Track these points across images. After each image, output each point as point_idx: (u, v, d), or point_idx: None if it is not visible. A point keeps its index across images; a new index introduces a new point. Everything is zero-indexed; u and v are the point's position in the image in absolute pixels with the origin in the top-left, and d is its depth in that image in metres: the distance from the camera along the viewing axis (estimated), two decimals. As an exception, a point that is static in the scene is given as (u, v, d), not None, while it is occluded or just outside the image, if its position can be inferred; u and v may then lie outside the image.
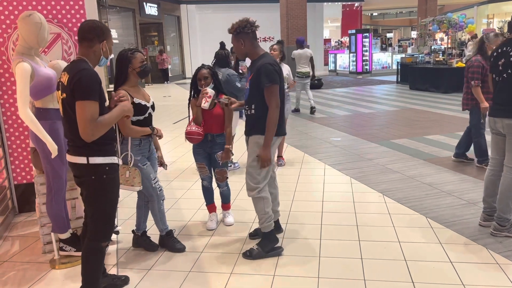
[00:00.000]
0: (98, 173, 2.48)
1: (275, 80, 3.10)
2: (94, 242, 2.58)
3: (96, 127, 2.37)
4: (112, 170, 2.54)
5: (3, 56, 4.03)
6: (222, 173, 3.82)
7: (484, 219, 3.68)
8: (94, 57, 2.54)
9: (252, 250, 3.31)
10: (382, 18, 40.53)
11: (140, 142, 3.23)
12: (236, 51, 3.29)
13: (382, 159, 5.91)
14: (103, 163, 2.49)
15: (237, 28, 3.15)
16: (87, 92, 2.34)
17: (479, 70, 4.93)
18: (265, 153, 3.15)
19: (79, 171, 2.52)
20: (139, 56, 3.18)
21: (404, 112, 9.81)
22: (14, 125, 4.16)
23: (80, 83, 2.34)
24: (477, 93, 4.98)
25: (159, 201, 3.40)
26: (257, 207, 3.31)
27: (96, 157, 2.46)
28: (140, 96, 3.21)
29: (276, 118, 3.14)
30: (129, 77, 3.18)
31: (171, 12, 21.65)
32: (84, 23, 2.53)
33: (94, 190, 2.51)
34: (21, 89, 2.91)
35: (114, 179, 2.57)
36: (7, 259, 3.42)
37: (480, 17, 26.15)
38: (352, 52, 19.63)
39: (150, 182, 3.29)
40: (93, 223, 2.57)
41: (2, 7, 3.96)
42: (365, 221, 3.90)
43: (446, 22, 15.26)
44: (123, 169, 3.07)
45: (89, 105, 2.34)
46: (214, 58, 5.41)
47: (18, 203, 4.36)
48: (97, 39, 2.51)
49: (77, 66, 2.42)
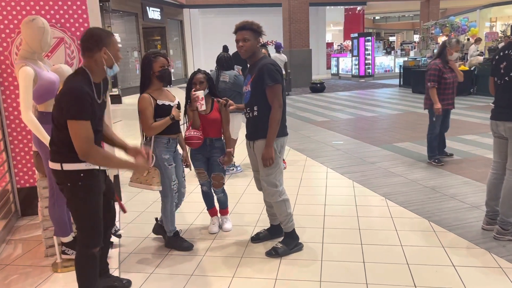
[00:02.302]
0: (73, 180, 2.43)
1: (277, 79, 3.13)
2: (83, 249, 2.55)
3: (93, 148, 2.34)
4: (88, 176, 2.46)
5: (6, 61, 4.05)
6: (219, 178, 3.76)
7: (487, 223, 3.66)
8: (96, 67, 2.43)
9: (277, 248, 3.37)
10: (384, 22, 40.56)
11: (168, 141, 3.35)
12: (249, 47, 3.18)
13: (384, 162, 5.90)
14: (77, 169, 2.42)
15: (259, 27, 3.20)
16: (78, 112, 2.29)
17: (435, 73, 5.39)
18: (267, 152, 3.17)
19: (57, 177, 2.49)
20: (160, 60, 3.28)
21: (406, 115, 9.79)
22: (17, 129, 4.18)
23: (69, 101, 2.29)
24: (433, 94, 5.43)
25: (172, 203, 3.45)
26: (280, 209, 3.35)
27: (70, 163, 2.41)
28: (163, 97, 3.33)
29: (279, 117, 3.16)
30: (152, 80, 3.28)
31: (174, 17, 21.73)
32: (84, 32, 2.46)
33: (72, 197, 2.48)
34: (24, 93, 2.93)
35: (91, 185, 2.49)
36: (10, 263, 3.43)
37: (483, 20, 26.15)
38: (354, 55, 19.64)
39: (170, 183, 3.38)
40: (79, 230, 2.55)
41: (6, 11, 3.99)
42: (368, 224, 3.89)
43: (448, 25, 15.28)
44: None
45: (80, 125, 2.30)
46: (217, 63, 5.40)
47: (20, 207, 4.37)
48: (96, 47, 2.40)
49: (70, 80, 2.39)
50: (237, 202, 4.60)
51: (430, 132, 5.71)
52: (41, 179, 3.40)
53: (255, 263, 3.27)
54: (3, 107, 4.12)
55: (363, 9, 27.30)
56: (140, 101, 3.28)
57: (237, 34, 3.21)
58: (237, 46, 3.23)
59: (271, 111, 3.14)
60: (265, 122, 3.19)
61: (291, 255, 3.37)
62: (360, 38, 19.30)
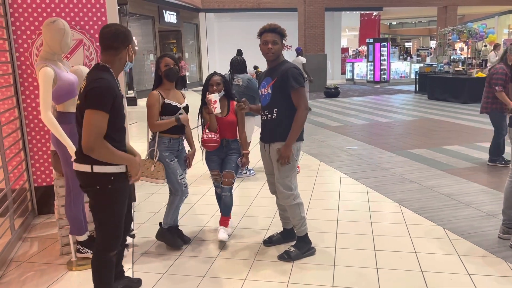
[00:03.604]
0: (102, 183, 2.37)
1: (301, 82, 3.19)
2: (101, 252, 2.51)
3: (100, 142, 2.27)
4: (118, 179, 2.41)
5: (27, 62, 4.14)
6: (229, 176, 3.70)
7: (503, 232, 3.60)
8: (119, 64, 2.46)
9: (289, 252, 3.37)
10: (401, 27, 40.25)
11: (169, 141, 3.45)
12: (277, 51, 3.23)
13: (399, 168, 5.85)
14: (108, 172, 2.37)
15: (285, 32, 3.27)
16: (98, 102, 2.26)
17: (503, 77, 5.35)
18: (285, 151, 3.19)
19: (83, 180, 2.43)
20: (164, 60, 3.44)
21: (422, 122, 9.70)
22: (35, 129, 4.25)
23: (93, 92, 2.26)
24: (503, 97, 5.37)
25: (181, 197, 3.53)
26: (294, 213, 3.35)
27: (101, 165, 2.35)
28: (171, 97, 3.46)
29: (305, 118, 3.22)
30: (162, 80, 3.46)
31: (190, 20, 21.92)
32: (106, 30, 2.41)
33: (99, 201, 2.42)
34: (44, 93, 2.99)
35: (120, 189, 2.45)
36: (26, 260, 3.49)
37: (501, 27, 25.79)
38: (370, 61, 19.54)
39: (176, 178, 3.46)
40: (99, 233, 2.49)
41: (27, 13, 4.08)
42: (381, 230, 3.86)
43: (466, 31, 15.10)
44: (149, 163, 3.36)
45: (97, 115, 2.25)
46: (230, 66, 5.44)
47: (37, 205, 4.45)
48: (122, 46, 2.42)
49: (96, 74, 2.35)
50: (250, 205, 4.60)
51: (499, 135, 5.68)
52: (58, 178, 3.45)
53: (267, 267, 3.27)
54: (23, 107, 4.20)
55: (379, 14, 27.16)
56: (149, 97, 3.43)
57: (264, 35, 3.21)
58: (263, 47, 3.22)
59: (297, 113, 3.18)
60: (283, 125, 3.21)
61: (303, 259, 3.35)
62: (375, 44, 19.21)
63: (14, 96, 4.12)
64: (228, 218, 3.77)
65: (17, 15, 4.07)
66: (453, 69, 14.15)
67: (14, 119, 4.12)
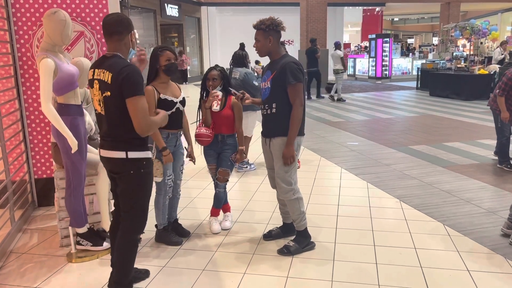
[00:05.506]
0: (136, 167, 2.53)
1: (299, 78, 3.14)
2: (129, 235, 2.63)
3: (150, 120, 2.45)
4: (148, 164, 2.61)
5: (27, 53, 4.12)
6: (224, 174, 3.73)
7: (507, 227, 3.56)
8: (125, 49, 2.56)
9: (289, 246, 3.37)
10: (403, 24, 40.12)
11: (167, 136, 3.38)
12: (261, 48, 3.23)
13: (399, 165, 5.84)
14: (141, 158, 2.54)
15: (270, 24, 3.15)
16: (137, 88, 2.40)
17: (509, 82, 5.16)
18: (288, 151, 3.18)
19: (117, 166, 2.55)
20: (166, 54, 3.28)
21: (423, 118, 9.68)
22: (36, 121, 4.25)
23: (129, 80, 2.38)
24: (500, 103, 5.26)
25: (165, 196, 3.49)
26: (293, 208, 3.35)
27: (135, 151, 2.52)
28: (167, 92, 3.33)
29: (300, 116, 3.17)
30: (159, 73, 3.30)
31: (191, 14, 21.83)
32: (109, 18, 2.52)
33: (133, 185, 2.56)
34: (44, 85, 2.97)
35: (150, 172, 2.64)
36: (26, 251, 3.49)
37: (504, 24, 25.66)
38: (371, 57, 19.47)
39: (165, 178, 3.41)
40: (129, 216, 2.61)
41: (28, 4, 4.06)
42: (381, 226, 3.85)
43: (469, 28, 15.01)
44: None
45: (140, 100, 2.40)
46: (232, 59, 5.48)
47: (37, 197, 4.45)
48: (126, 31, 2.53)
49: (119, 63, 2.44)
50: (250, 200, 4.60)
51: (500, 136, 5.62)
52: (58, 170, 3.45)
53: (267, 260, 3.27)
54: (23, 98, 4.19)
55: (381, 10, 27.04)
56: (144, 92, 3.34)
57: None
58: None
59: (293, 110, 3.15)
60: (282, 120, 3.19)
61: (303, 253, 3.36)
62: (377, 40, 19.13)
63: (14, 88, 4.11)
64: (218, 210, 3.86)
65: (18, 6, 4.05)
66: (455, 65, 14.09)
67: (15, 111, 4.11)
